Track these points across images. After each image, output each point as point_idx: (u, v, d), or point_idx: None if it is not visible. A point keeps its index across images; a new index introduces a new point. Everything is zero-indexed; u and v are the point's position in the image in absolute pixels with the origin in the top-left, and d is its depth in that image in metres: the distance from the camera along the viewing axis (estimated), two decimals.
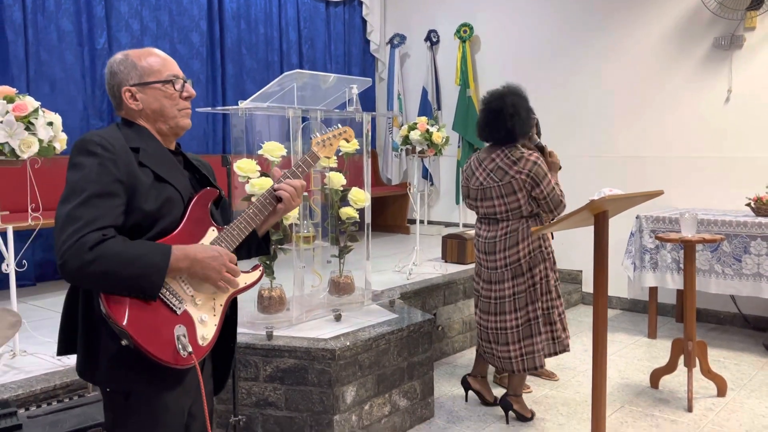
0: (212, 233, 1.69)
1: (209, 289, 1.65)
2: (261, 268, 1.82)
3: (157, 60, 1.69)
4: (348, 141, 2.01)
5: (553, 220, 3.38)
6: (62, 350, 1.68)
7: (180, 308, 1.57)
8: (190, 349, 1.55)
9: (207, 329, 1.64)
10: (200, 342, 1.61)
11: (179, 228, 1.62)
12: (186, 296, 1.60)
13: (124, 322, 1.47)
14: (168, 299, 1.56)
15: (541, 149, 3.47)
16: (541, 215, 3.34)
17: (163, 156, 1.67)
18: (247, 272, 1.76)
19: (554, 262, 3.39)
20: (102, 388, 1.64)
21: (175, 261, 1.53)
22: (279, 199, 1.79)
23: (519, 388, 3.40)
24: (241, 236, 1.72)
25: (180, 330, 1.55)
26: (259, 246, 1.85)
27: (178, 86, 1.70)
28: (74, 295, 1.64)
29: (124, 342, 1.48)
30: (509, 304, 3.28)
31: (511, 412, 3.35)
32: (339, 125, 1.98)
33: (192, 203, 1.67)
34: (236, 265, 1.68)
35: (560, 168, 3.55)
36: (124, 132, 1.63)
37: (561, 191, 3.28)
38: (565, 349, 3.32)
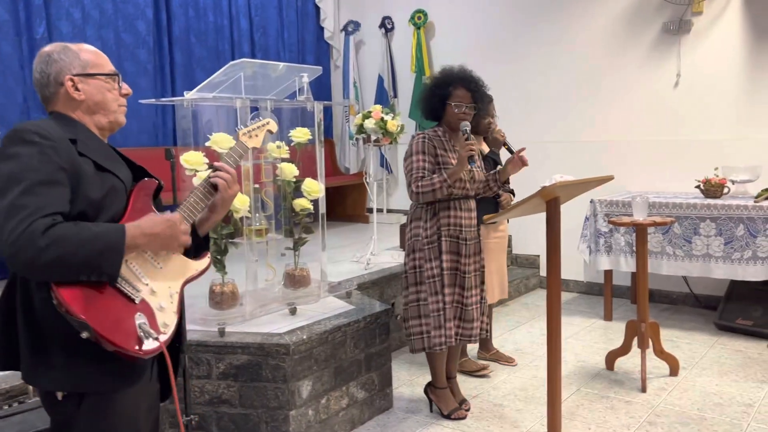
0: None
1: (164, 277, 1.62)
2: (208, 254, 1.80)
3: (98, 55, 1.70)
4: (272, 132, 2.01)
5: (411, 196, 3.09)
6: (3, 365, 1.59)
7: (138, 297, 1.53)
8: (155, 334, 1.52)
9: (167, 316, 1.61)
10: (162, 329, 1.57)
11: (124, 219, 1.58)
12: (142, 285, 1.56)
13: (83, 314, 1.41)
14: (125, 288, 1.51)
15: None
16: (450, 202, 3.07)
17: (102, 146, 1.64)
18: (197, 259, 1.74)
19: (437, 256, 3.08)
20: (51, 392, 1.55)
21: (131, 238, 1.50)
22: (215, 187, 1.75)
23: (435, 378, 3.29)
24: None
25: (140, 318, 1.52)
26: (199, 246, 1.79)
27: (119, 82, 1.70)
28: (7, 300, 1.56)
29: (84, 335, 1.42)
30: (403, 280, 3.24)
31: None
32: (260, 118, 2.00)
33: (133, 193, 1.64)
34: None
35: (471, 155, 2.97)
36: (59, 124, 1.58)
37: (422, 175, 2.99)
38: (431, 347, 3.11)
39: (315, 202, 3.54)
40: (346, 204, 7.07)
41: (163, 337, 1.55)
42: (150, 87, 5.29)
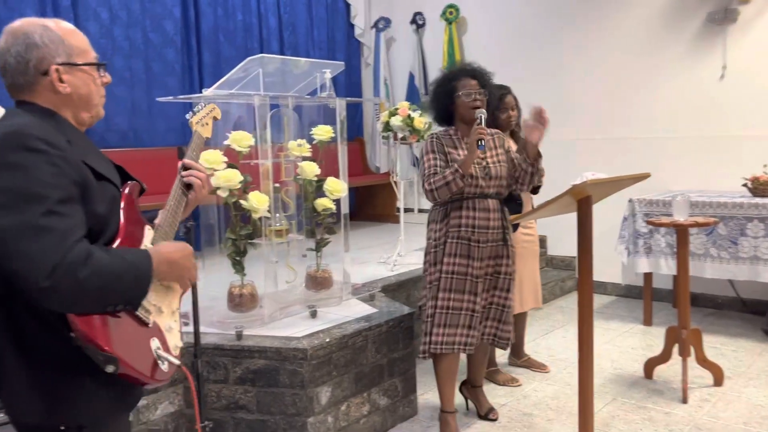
0: (149, 232, 1.53)
1: (166, 295, 1.52)
2: None
3: (82, 38, 1.48)
4: (216, 118, 1.91)
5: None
6: None
7: (150, 320, 1.44)
8: (175, 361, 1.46)
9: (175, 337, 1.53)
10: (174, 351, 1.50)
11: (121, 231, 1.44)
12: (150, 305, 1.45)
13: (111, 348, 1.30)
14: (139, 312, 1.40)
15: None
16: (462, 202, 2.87)
17: (91, 147, 1.48)
18: None
19: (440, 260, 2.90)
20: (45, 425, 1.40)
21: (156, 266, 1.39)
22: (189, 186, 1.64)
23: (439, 384, 3.04)
24: (173, 232, 1.58)
25: (155, 343, 1.44)
26: None
27: (101, 71, 1.51)
28: None
29: (110, 369, 1.30)
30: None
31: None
32: (204, 104, 1.91)
33: (124, 202, 1.48)
34: None
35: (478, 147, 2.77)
36: (48, 123, 1.38)
37: (434, 172, 2.83)
38: (424, 353, 2.93)
39: (338, 202, 3.43)
40: (376, 203, 6.96)
41: (176, 361, 1.47)
42: (178, 87, 5.27)
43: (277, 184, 3.29)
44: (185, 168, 1.64)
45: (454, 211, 2.89)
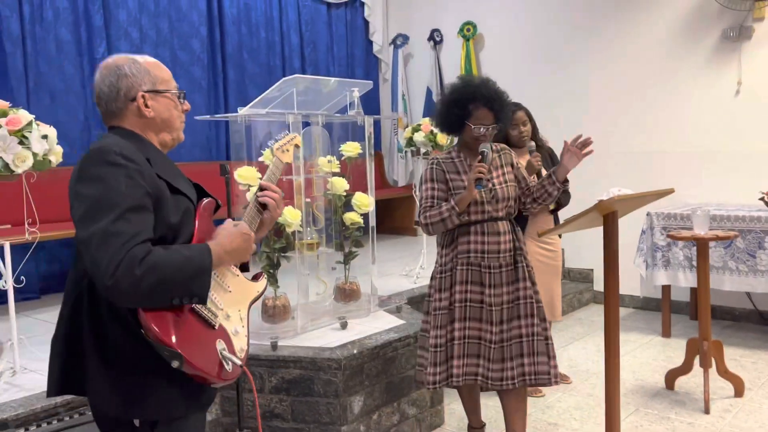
0: None
1: (234, 300, 1.63)
2: (264, 275, 1.83)
3: (164, 70, 1.66)
4: (298, 147, 2.03)
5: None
6: (59, 389, 1.57)
7: (216, 322, 1.54)
8: (237, 361, 1.54)
9: (241, 340, 1.63)
10: (239, 354, 1.59)
11: (194, 240, 1.58)
12: (217, 309, 1.56)
13: (177, 346, 1.41)
14: (205, 313, 1.52)
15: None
16: (470, 227, 2.71)
17: (170, 166, 1.63)
18: (255, 281, 1.77)
19: (449, 287, 2.75)
20: (123, 419, 1.53)
21: (216, 257, 1.50)
22: (264, 206, 1.75)
23: (466, 408, 3.00)
24: None
25: (221, 345, 1.53)
26: (243, 265, 1.80)
27: (182, 99, 1.69)
28: (70, 327, 1.54)
29: (175, 364, 1.42)
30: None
31: None
32: (288, 132, 2.03)
33: (198, 215, 1.63)
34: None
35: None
36: (133, 143, 1.55)
37: (431, 204, 2.70)
38: (424, 384, 2.75)
39: (365, 216, 3.54)
40: (394, 217, 7.06)
41: (239, 361, 1.56)
42: (204, 103, 5.41)
43: (308, 199, 3.40)
44: (261, 189, 1.75)
45: (462, 236, 2.73)
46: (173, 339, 1.41)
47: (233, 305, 1.63)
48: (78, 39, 4.68)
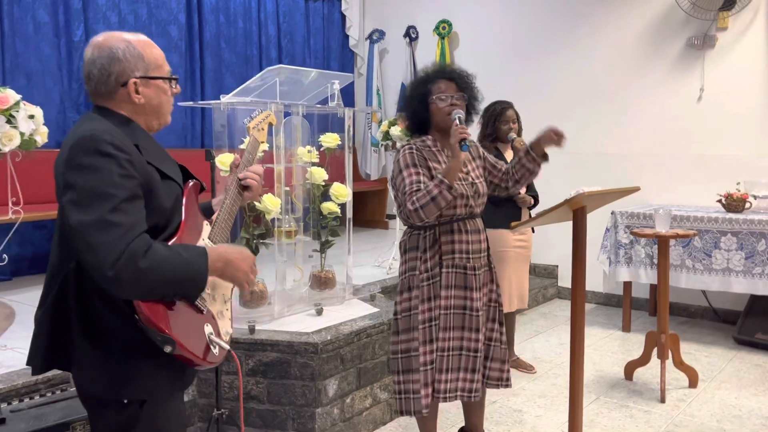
0: (207, 228, 1.70)
1: (219, 283, 1.65)
2: None
3: (159, 53, 1.62)
4: (272, 124, 2.03)
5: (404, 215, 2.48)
6: (44, 366, 1.57)
7: (204, 307, 1.57)
8: (225, 346, 1.57)
9: (226, 323, 1.66)
10: (224, 337, 1.63)
11: (182, 226, 1.59)
12: (205, 293, 1.58)
13: (170, 331, 1.44)
14: (196, 301, 1.55)
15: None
16: (453, 224, 2.52)
17: (159, 149, 1.63)
18: None
19: (437, 294, 2.51)
20: (112, 398, 1.54)
21: (212, 263, 1.51)
22: (245, 188, 1.79)
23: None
24: (228, 228, 1.74)
25: (208, 329, 1.56)
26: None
27: (173, 84, 1.67)
28: (60, 307, 1.53)
29: (168, 349, 1.45)
30: (393, 324, 2.62)
31: None
32: (261, 110, 2.01)
33: (185, 198, 1.64)
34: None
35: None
36: (121, 128, 1.54)
37: (417, 188, 2.40)
38: (419, 411, 2.50)
39: (342, 206, 3.62)
40: (366, 210, 7.15)
41: (226, 345, 1.59)
42: (181, 90, 5.41)
43: (287, 188, 3.47)
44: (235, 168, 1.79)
45: (445, 234, 2.51)
46: (167, 325, 1.44)
47: (218, 288, 1.67)
48: (56, 21, 4.65)
